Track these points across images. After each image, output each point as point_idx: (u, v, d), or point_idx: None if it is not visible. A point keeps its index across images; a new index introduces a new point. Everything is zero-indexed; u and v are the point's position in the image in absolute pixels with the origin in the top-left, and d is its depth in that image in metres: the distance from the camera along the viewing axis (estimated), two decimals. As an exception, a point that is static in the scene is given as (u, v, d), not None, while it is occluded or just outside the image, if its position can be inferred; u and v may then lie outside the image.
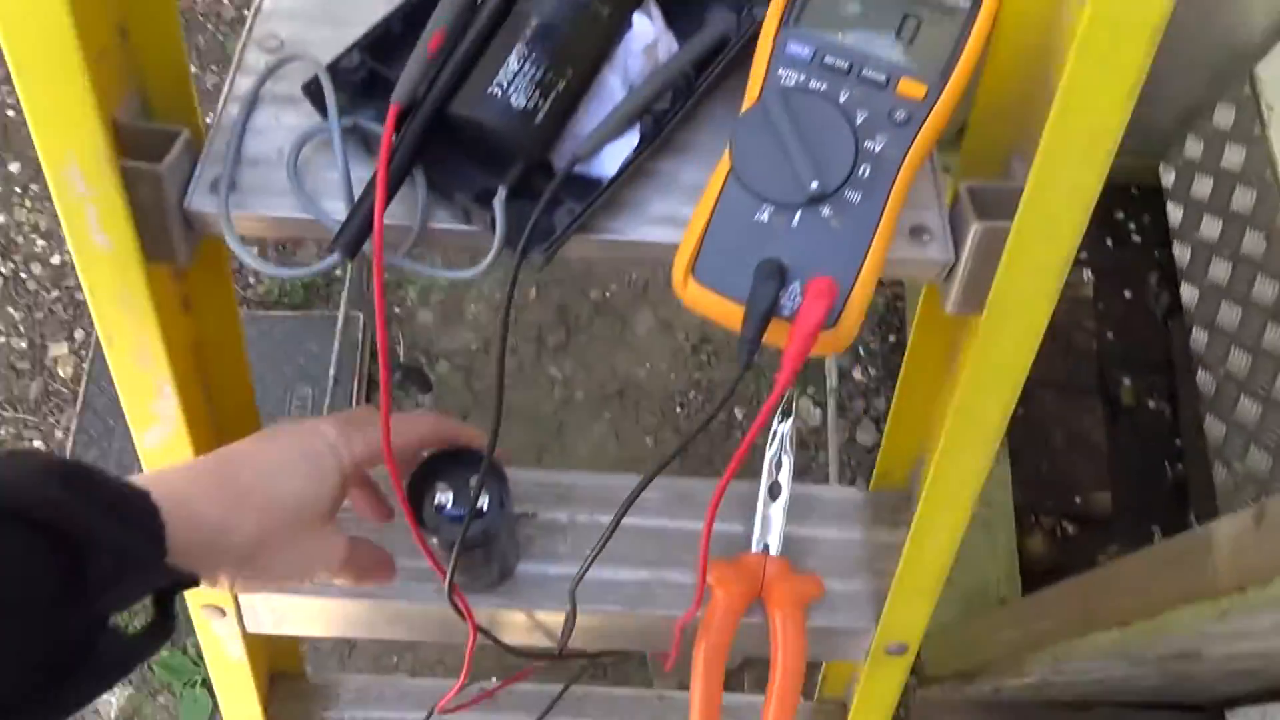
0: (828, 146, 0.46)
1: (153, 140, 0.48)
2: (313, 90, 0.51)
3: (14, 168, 1.82)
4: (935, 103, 0.47)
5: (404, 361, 0.63)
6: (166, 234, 0.49)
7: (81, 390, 1.55)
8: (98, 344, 1.61)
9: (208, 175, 0.49)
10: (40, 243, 1.75)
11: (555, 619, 0.72)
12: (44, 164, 0.44)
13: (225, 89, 0.53)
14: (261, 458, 0.49)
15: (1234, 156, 1.53)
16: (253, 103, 0.52)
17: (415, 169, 0.49)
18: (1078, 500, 1.58)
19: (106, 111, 0.45)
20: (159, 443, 0.56)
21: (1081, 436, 1.62)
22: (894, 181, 0.47)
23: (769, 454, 0.72)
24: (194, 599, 0.67)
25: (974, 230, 0.50)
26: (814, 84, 0.47)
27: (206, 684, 1.49)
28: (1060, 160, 0.46)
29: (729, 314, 0.48)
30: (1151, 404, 1.71)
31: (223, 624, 0.70)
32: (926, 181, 0.54)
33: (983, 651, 1.24)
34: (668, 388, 1.78)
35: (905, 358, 0.68)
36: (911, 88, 0.47)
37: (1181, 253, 1.65)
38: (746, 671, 1.52)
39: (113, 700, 1.49)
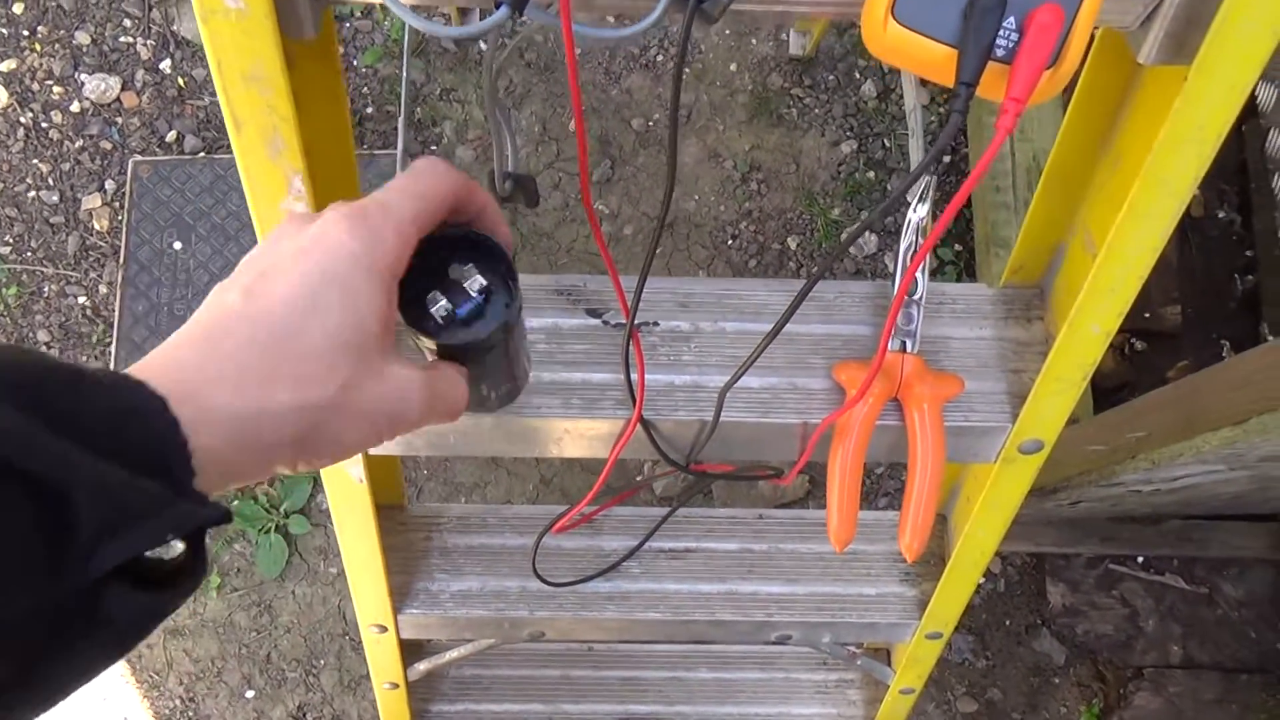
0: None
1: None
2: None
3: (17, 9, 1.72)
4: None
5: (513, 171, 0.56)
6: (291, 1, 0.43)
7: (123, 242, 1.50)
8: (133, 194, 1.56)
9: (331, -72, 0.44)
10: (56, 89, 1.67)
11: (684, 432, 0.69)
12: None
13: None
14: (271, 308, 0.37)
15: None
16: None
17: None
18: (1146, 315, 1.55)
19: None
20: (285, 246, 0.52)
21: (1151, 250, 1.58)
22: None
23: (903, 245, 0.68)
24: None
25: (1190, -41, 0.45)
26: None
27: (281, 530, 1.51)
28: None
29: (935, 59, 0.42)
30: (1221, 214, 1.66)
31: (344, 446, 0.67)
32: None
33: (1064, 467, 1.24)
34: (718, 219, 1.73)
35: (1059, 137, 0.63)
36: None
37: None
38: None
39: (189, 548, 1.51)
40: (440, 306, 0.43)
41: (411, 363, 0.42)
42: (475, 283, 0.44)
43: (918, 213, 0.68)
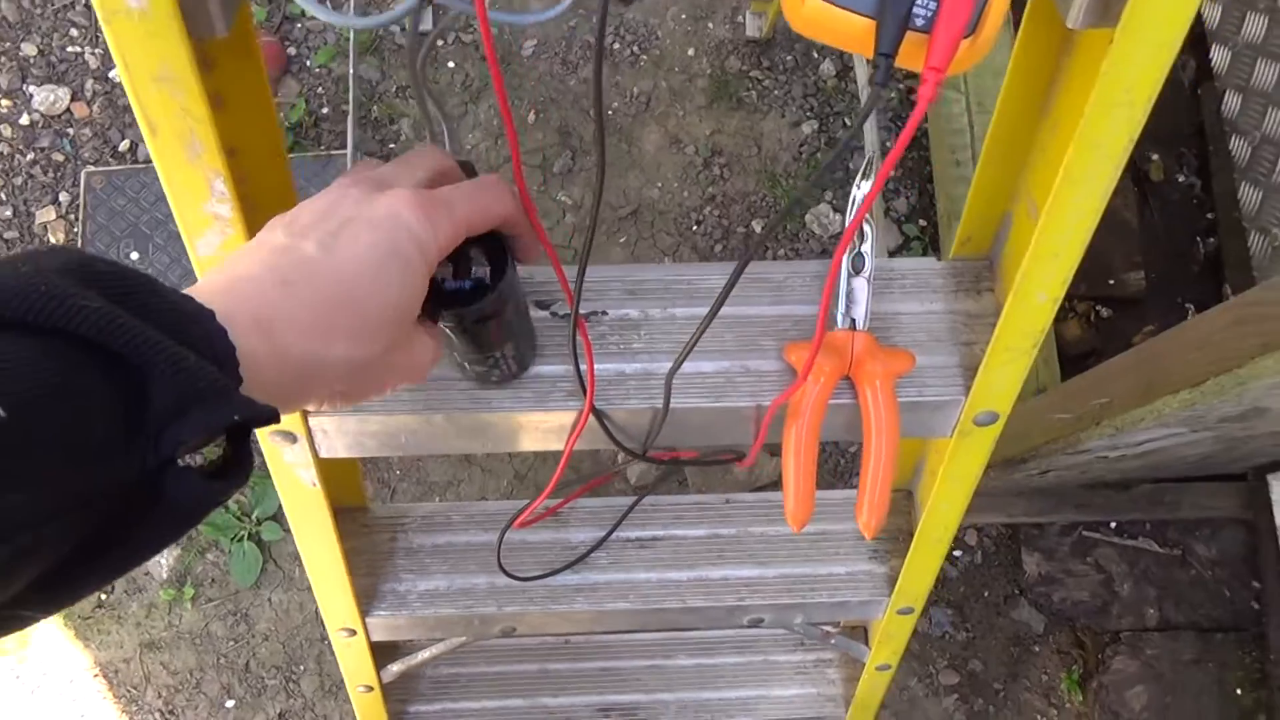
0: None
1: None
2: None
3: (-39, 24, 1.69)
4: None
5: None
6: (199, -2, 0.42)
7: (78, 254, 1.48)
8: (88, 205, 1.53)
9: (236, -77, 0.43)
10: (4, 103, 1.64)
11: (638, 420, 0.69)
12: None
13: None
14: (344, 267, 0.41)
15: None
16: None
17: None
18: (1110, 282, 1.56)
19: None
20: (215, 250, 0.51)
21: (1111, 216, 1.58)
22: None
23: (849, 220, 0.68)
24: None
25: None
26: None
27: (254, 537, 1.50)
28: None
29: (853, 31, 0.42)
30: (1181, 178, 1.67)
31: (294, 451, 0.67)
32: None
33: (1033, 436, 1.24)
34: (682, 205, 1.72)
35: (998, 105, 0.63)
36: None
37: (1210, 11, 1.57)
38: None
39: (162, 561, 1.49)
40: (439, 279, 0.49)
41: (429, 330, 0.49)
42: (476, 271, 0.51)
43: (862, 189, 0.67)
